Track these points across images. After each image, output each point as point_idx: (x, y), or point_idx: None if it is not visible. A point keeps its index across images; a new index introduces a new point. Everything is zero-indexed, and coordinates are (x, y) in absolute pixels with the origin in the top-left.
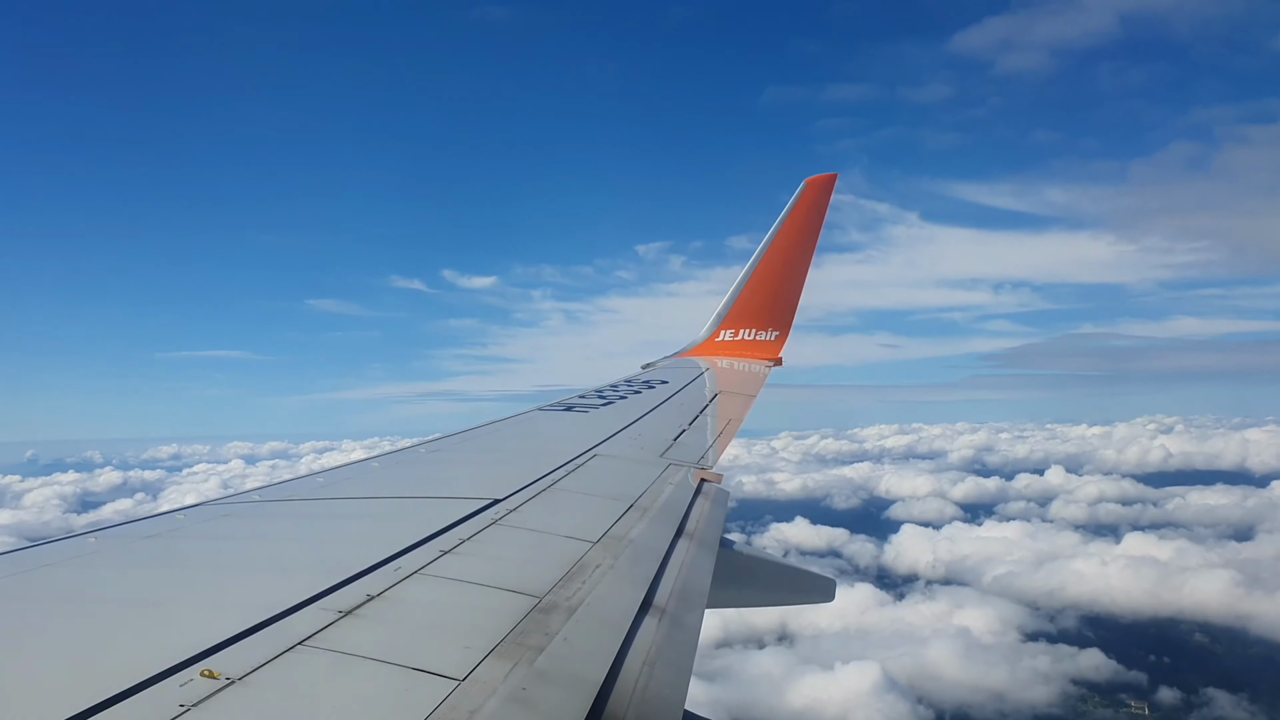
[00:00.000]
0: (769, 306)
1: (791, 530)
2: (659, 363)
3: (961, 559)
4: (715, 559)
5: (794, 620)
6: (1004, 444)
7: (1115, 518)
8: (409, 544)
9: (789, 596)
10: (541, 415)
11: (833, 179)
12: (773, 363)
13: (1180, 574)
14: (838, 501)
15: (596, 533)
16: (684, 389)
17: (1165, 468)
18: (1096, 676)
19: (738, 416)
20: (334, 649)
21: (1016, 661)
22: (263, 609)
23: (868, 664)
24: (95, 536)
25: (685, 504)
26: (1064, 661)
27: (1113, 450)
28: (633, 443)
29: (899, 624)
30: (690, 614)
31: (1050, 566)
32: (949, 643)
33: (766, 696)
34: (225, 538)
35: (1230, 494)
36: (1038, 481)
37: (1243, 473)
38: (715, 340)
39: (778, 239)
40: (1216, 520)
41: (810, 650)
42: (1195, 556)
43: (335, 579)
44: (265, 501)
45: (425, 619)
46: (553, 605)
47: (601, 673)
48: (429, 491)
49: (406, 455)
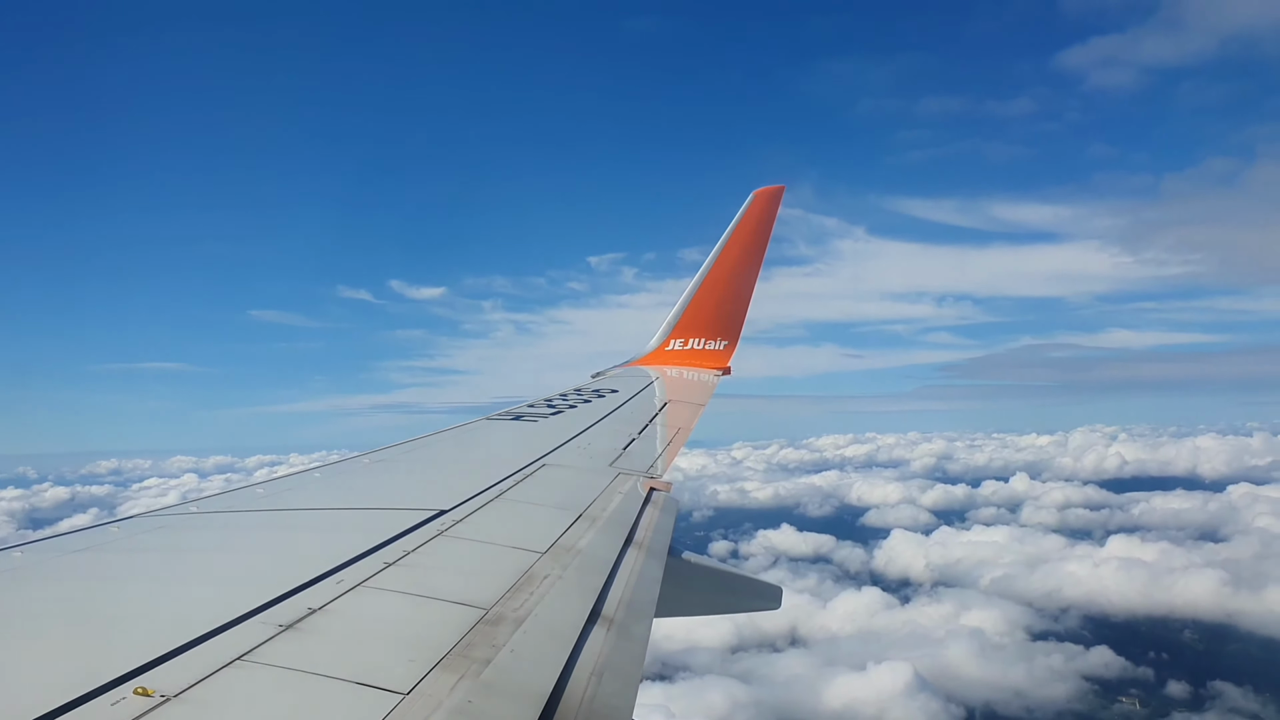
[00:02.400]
0: (718, 316)
1: (778, 537)
2: (608, 372)
3: (954, 563)
4: (664, 568)
5: (804, 624)
6: (962, 452)
7: (1086, 522)
8: (352, 556)
9: (737, 604)
10: (489, 425)
11: (780, 190)
12: (721, 372)
13: (1168, 574)
14: (811, 509)
15: (544, 543)
16: (633, 398)
17: (1121, 474)
18: (1107, 673)
19: (687, 425)
20: (274, 664)
21: (1031, 660)
22: (199, 623)
23: (899, 664)
24: (21, 550)
25: (634, 513)
26: (1075, 659)
27: (1069, 458)
28: (582, 452)
29: (910, 626)
30: (639, 623)
31: (1044, 569)
32: (964, 643)
33: (804, 697)
34: (160, 550)
35: (1191, 499)
36: (1004, 488)
37: (1194, 478)
38: (665, 349)
39: (726, 249)
40: (1183, 523)
41: (832, 652)
42: (1179, 558)
43: (275, 592)
44: (202, 513)
45: (369, 632)
46: (500, 617)
47: (549, 684)
48: (373, 502)
49: (349, 466)
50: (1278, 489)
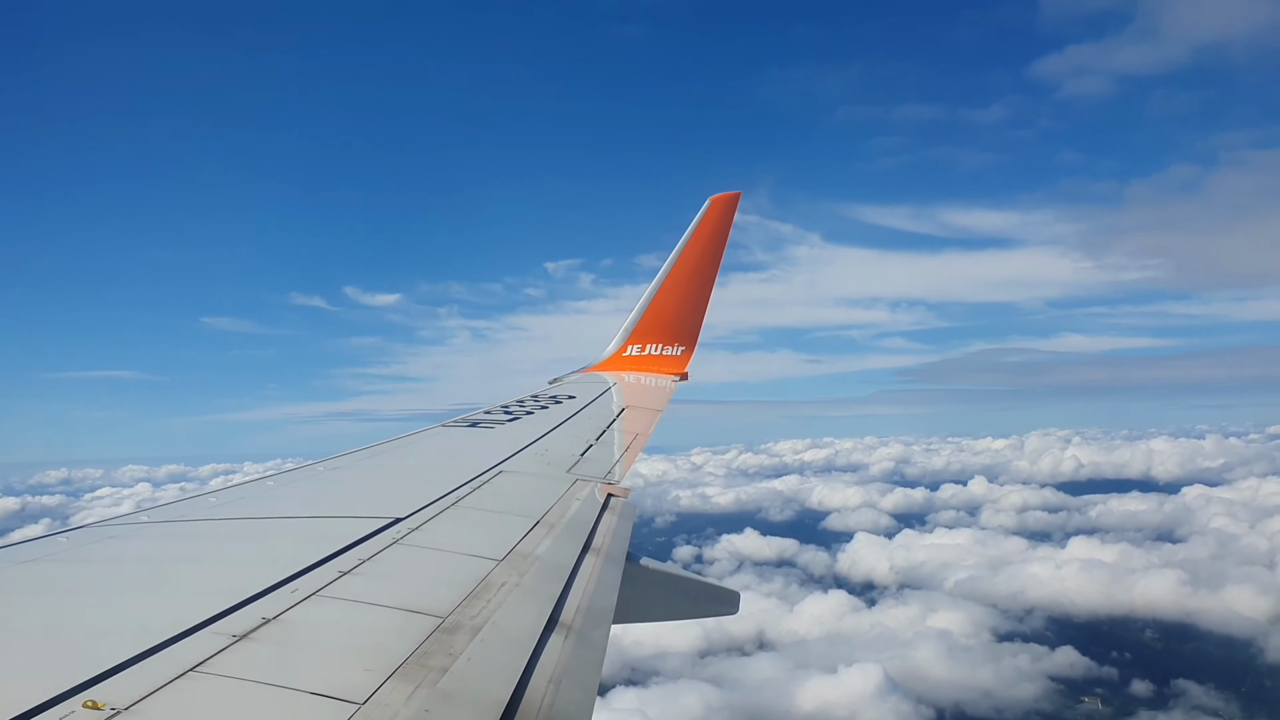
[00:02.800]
0: (675, 321)
1: (742, 541)
2: (566, 378)
3: (918, 565)
4: (622, 574)
5: (771, 628)
6: (919, 456)
7: (1044, 524)
8: (306, 565)
9: (696, 609)
10: (446, 431)
11: (736, 197)
12: (679, 377)
13: (1129, 575)
14: (772, 514)
15: (502, 550)
16: (591, 404)
17: (1077, 477)
18: (1072, 673)
19: (644, 431)
20: (228, 675)
21: (998, 661)
22: (151, 634)
23: (869, 666)
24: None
25: (592, 519)
26: (1041, 660)
27: (1026, 461)
28: (539, 458)
29: (878, 628)
30: (597, 630)
31: (1007, 571)
32: (931, 645)
33: (777, 700)
34: (110, 560)
35: (1146, 500)
36: (962, 491)
37: (1149, 480)
38: (622, 355)
39: (683, 255)
40: (1140, 525)
41: (801, 655)
42: (1138, 559)
43: (229, 602)
44: (154, 522)
45: (324, 642)
46: (456, 625)
47: (507, 692)
48: (328, 510)
49: (304, 473)
50: (1230, 490)
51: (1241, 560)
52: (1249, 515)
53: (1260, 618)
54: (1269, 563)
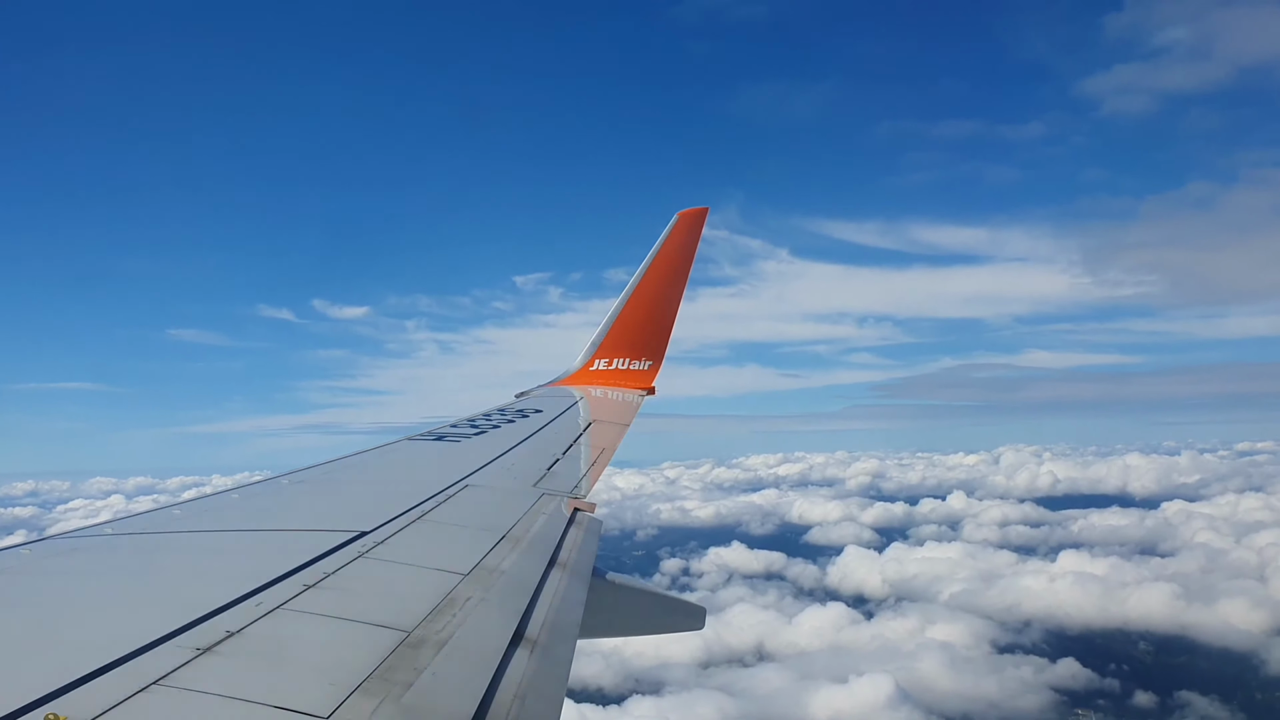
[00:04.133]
0: (642, 336)
1: (730, 555)
2: (532, 391)
3: (910, 578)
4: (588, 589)
5: (770, 639)
6: (894, 471)
7: (1028, 539)
8: (271, 578)
9: (661, 625)
10: (411, 445)
11: (704, 212)
12: (646, 392)
13: (1121, 588)
14: (753, 527)
15: (467, 565)
16: (557, 418)
17: (1054, 492)
18: (1074, 684)
19: (611, 445)
20: (191, 688)
21: (1000, 672)
22: (113, 648)
23: (880, 676)
24: None
25: (558, 534)
26: (1044, 672)
27: (1001, 476)
28: (505, 472)
29: (879, 640)
30: (562, 645)
31: (1000, 584)
32: (935, 656)
33: (790, 709)
34: (73, 573)
35: (1127, 515)
36: (941, 506)
37: (1125, 496)
38: (589, 369)
39: (650, 269)
40: (1123, 539)
41: (806, 666)
42: (1129, 572)
43: (192, 615)
44: (117, 534)
45: (288, 656)
46: (421, 639)
47: (471, 707)
48: (292, 524)
49: (268, 486)
50: (1210, 505)
51: (1232, 574)
52: (1232, 530)
53: (1257, 630)
54: (1260, 576)
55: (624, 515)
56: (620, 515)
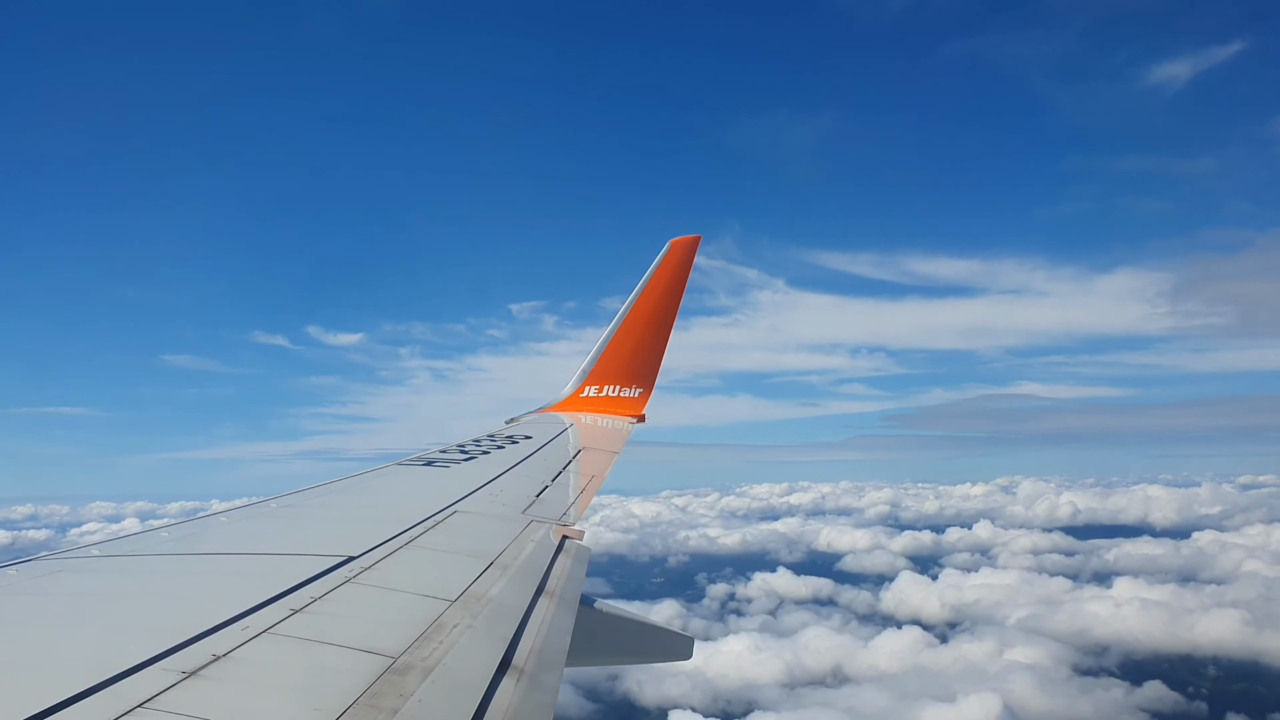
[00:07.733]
0: (633, 363)
1: (776, 580)
2: (522, 418)
3: (970, 604)
4: (576, 617)
5: (848, 662)
6: (909, 500)
7: (1064, 567)
8: (258, 602)
9: (648, 654)
10: (401, 470)
11: (696, 240)
12: (636, 419)
13: (1186, 614)
14: (782, 555)
15: (455, 591)
16: (547, 445)
17: (1075, 522)
18: (1163, 706)
19: (601, 473)
20: (176, 712)
21: (1089, 694)
22: (99, 670)
23: (988, 695)
24: None
25: (546, 561)
26: (1131, 694)
27: (1020, 506)
28: (494, 499)
29: (961, 662)
30: (549, 673)
31: (1065, 609)
32: (1022, 678)
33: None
34: (59, 595)
35: (1160, 545)
36: (968, 535)
37: (1147, 526)
38: (579, 396)
39: (642, 297)
40: (1161, 568)
41: (899, 686)
42: (1189, 599)
43: (178, 638)
44: (104, 556)
45: (274, 680)
46: (408, 666)
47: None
48: (280, 548)
49: (257, 510)
50: (1241, 536)
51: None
52: (1273, 560)
53: None
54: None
55: (651, 542)
56: (648, 542)
